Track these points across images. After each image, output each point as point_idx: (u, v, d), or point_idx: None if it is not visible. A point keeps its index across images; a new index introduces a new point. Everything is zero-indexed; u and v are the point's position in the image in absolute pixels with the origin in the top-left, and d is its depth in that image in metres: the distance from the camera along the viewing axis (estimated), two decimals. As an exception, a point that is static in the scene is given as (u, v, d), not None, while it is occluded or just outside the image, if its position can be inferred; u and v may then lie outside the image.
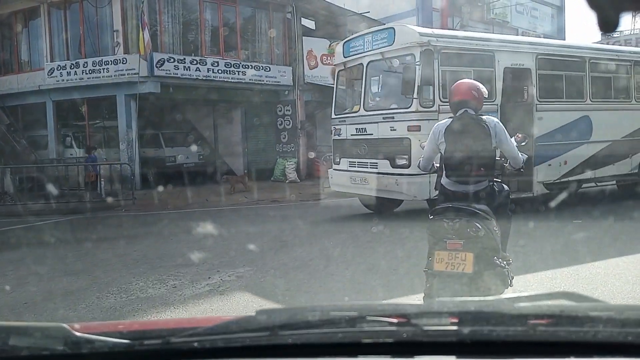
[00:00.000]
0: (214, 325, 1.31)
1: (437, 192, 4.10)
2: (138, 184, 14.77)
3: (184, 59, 15.27)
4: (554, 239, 6.90)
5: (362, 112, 9.30)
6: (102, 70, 15.15)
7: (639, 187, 10.75)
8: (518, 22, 26.45)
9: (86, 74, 15.34)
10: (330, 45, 17.55)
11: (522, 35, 22.30)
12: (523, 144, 4.14)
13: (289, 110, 17.77)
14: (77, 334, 1.21)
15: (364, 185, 9.20)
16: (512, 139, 3.99)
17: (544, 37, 21.51)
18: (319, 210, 11.27)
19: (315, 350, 1.22)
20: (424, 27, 9.07)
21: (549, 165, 9.37)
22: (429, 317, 1.26)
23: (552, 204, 8.66)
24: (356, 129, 9.38)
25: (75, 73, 15.50)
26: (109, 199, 12.43)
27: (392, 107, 8.85)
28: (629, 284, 4.93)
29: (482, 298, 1.37)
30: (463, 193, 3.77)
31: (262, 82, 16.78)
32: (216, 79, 15.78)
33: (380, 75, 9.80)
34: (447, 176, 3.88)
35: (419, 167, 4.23)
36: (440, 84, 8.35)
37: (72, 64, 15.64)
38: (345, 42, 10.10)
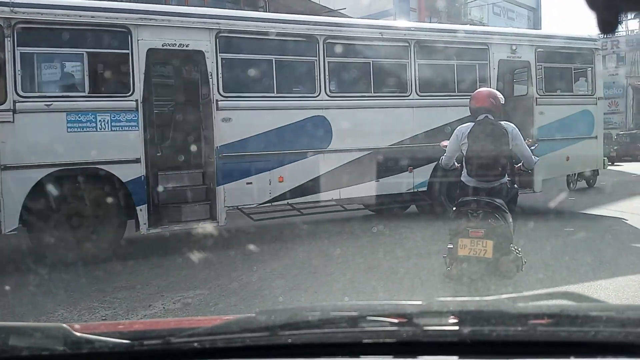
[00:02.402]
0: (214, 325, 1.31)
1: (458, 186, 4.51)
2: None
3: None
4: (554, 239, 6.79)
5: None
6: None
7: (435, 209, 8.22)
8: (495, 23, 26.63)
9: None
10: None
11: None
12: (533, 148, 4.52)
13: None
14: (77, 334, 1.20)
15: None
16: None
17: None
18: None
19: (316, 350, 1.21)
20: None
21: (249, 183, 7.04)
22: (430, 317, 1.26)
23: (552, 204, 8.51)
24: None
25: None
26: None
27: None
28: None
29: (482, 298, 1.38)
30: (481, 189, 4.20)
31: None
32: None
33: None
34: (467, 174, 4.32)
35: (440, 164, 4.62)
36: (18, 71, 5.96)
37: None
38: None
